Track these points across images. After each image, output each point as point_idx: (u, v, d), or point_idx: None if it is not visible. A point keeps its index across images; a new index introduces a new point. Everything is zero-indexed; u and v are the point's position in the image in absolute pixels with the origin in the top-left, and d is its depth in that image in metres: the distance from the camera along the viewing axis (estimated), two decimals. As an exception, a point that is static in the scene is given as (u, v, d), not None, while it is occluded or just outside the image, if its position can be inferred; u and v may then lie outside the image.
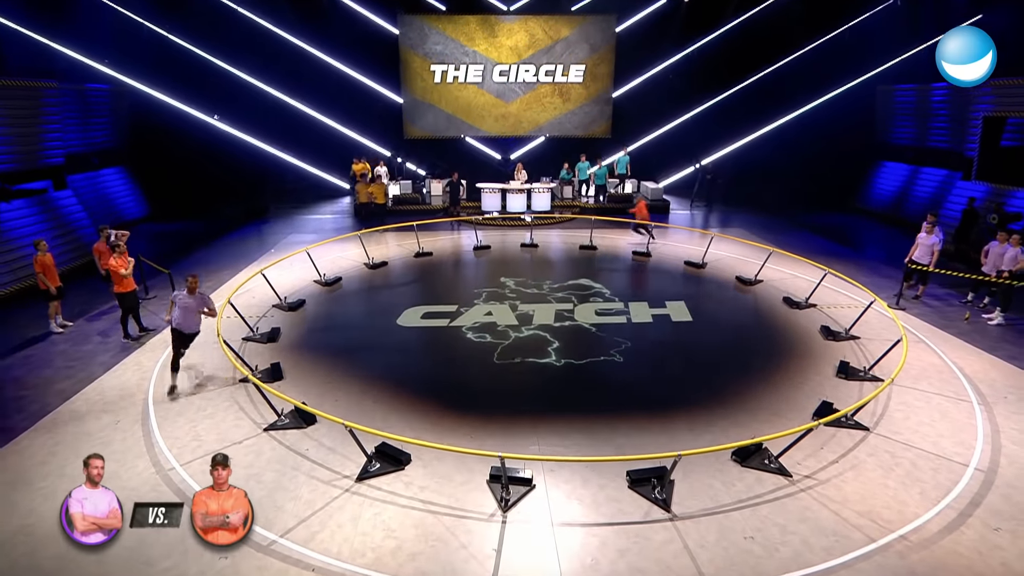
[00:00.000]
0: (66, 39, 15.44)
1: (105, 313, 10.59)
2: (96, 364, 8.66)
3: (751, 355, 8.80)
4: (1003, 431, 6.81)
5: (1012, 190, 12.86)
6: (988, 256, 10.14)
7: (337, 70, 21.07)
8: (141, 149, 18.26)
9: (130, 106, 17.77)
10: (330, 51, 20.91)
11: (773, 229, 16.80)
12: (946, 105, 15.70)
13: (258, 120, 20.12)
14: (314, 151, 21.17)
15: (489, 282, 12.17)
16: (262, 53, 19.97)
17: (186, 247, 15.08)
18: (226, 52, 19.57)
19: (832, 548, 5.03)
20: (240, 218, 17.99)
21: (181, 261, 13.82)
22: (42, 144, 13.71)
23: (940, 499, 5.67)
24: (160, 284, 11.60)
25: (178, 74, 18.63)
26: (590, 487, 5.81)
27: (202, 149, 18.79)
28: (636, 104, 21.80)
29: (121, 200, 17.28)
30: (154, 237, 16.39)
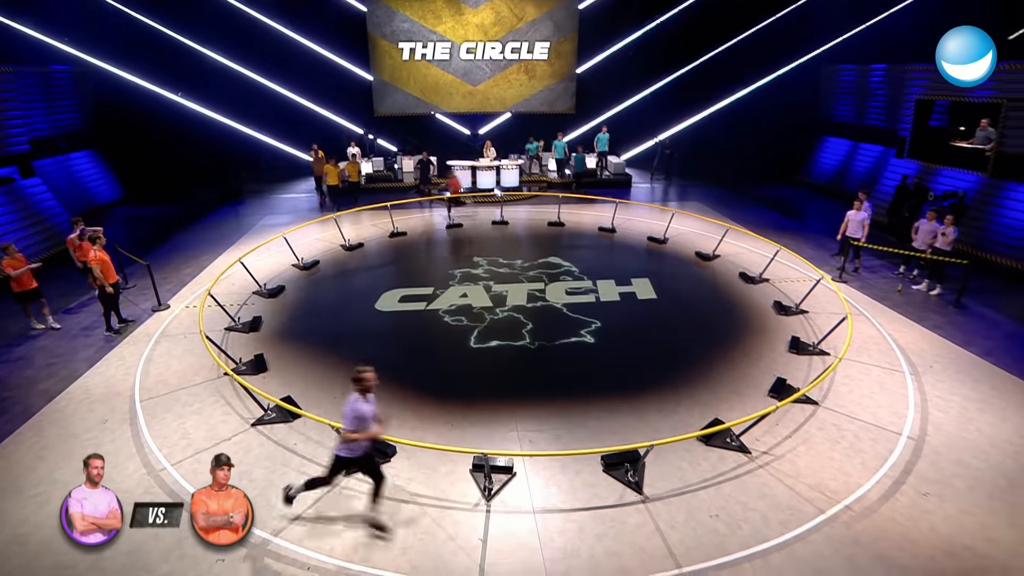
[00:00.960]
0: (24, 19, 14.08)
1: (85, 305, 9.99)
2: (79, 360, 8.19)
3: (712, 332, 8.88)
4: (930, 399, 7.06)
5: (939, 168, 13.10)
6: (918, 232, 10.36)
7: (306, 48, 19.92)
8: (111, 131, 16.98)
9: (96, 87, 16.45)
10: (299, 29, 19.70)
11: (727, 202, 16.86)
12: (883, 86, 15.76)
13: (230, 100, 18.97)
14: (286, 130, 20.14)
15: (463, 262, 11.91)
16: (231, 32, 18.68)
17: (163, 232, 14.27)
18: (194, 31, 18.22)
19: (787, 522, 5.18)
20: (216, 200, 17.09)
21: (159, 247, 13.12)
22: (3, 131, 12.61)
23: (878, 468, 5.88)
24: (139, 273, 10.97)
25: (145, 53, 17.33)
26: (567, 472, 5.82)
27: (174, 130, 17.65)
28: (599, 80, 21.32)
29: (93, 184, 16.17)
30: (129, 221, 15.50)
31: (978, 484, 5.66)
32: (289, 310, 9.80)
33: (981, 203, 11.86)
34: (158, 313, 9.66)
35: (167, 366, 7.94)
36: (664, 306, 9.86)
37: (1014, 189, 11.39)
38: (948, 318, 9.22)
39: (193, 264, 11.92)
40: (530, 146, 18.71)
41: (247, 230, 14.15)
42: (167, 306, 9.91)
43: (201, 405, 7.05)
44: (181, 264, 11.93)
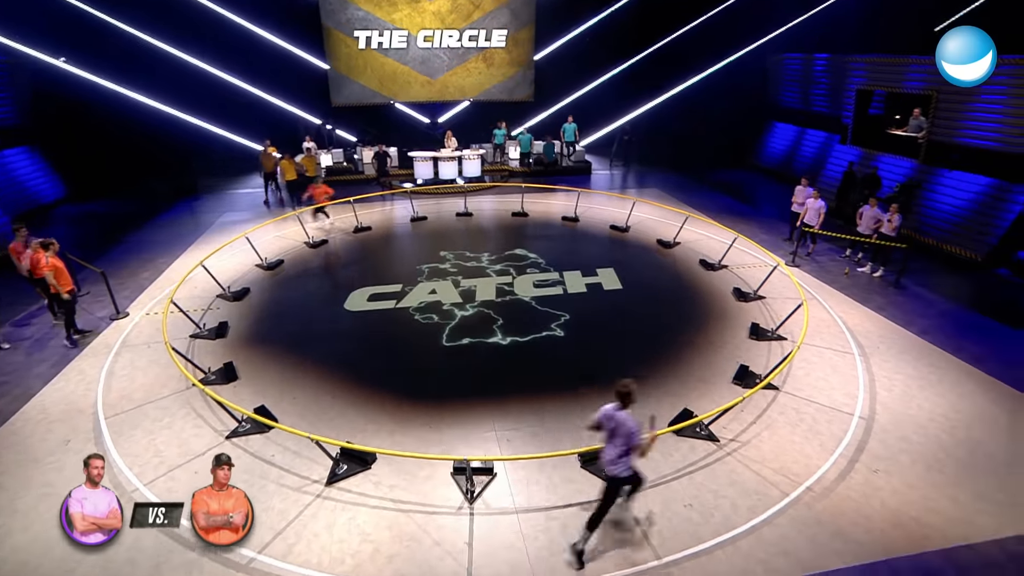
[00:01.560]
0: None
1: (34, 316, 9.37)
2: (32, 377, 7.69)
3: (676, 321, 9.08)
4: (877, 379, 7.47)
5: (878, 154, 13.68)
6: (862, 218, 10.82)
7: (259, 37, 18.88)
8: (51, 125, 15.76)
9: (32, 79, 15.18)
10: (250, 17, 18.64)
11: (684, 188, 17.16)
12: (825, 75, 16.24)
13: (179, 90, 17.82)
14: (239, 121, 19.16)
15: (429, 257, 11.74)
16: (178, 19, 17.48)
17: (114, 232, 13.43)
18: (138, 17, 17.00)
19: (755, 507, 5.41)
20: (169, 196, 16.21)
21: (111, 249, 12.36)
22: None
23: (834, 449, 6.21)
24: (93, 278, 10.32)
25: (85, 42, 16.06)
26: (546, 469, 5.90)
27: (120, 122, 16.45)
28: (557, 68, 21.13)
29: (33, 181, 15.03)
30: (76, 221, 14.55)
31: (920, 458, 6.05)
32: (256, 313, 9.47)
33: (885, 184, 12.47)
34: (117, 322, 9.17)
35: (131, 379, 7.57)
36: (630, 296, 10.01)
37: (943, 175, 12.02)
38: (889, 299, 9.73)
39: (150, 267, 11.32)
40: (497, 132, 18.44)
41: (205, 228, 13.51)
42: (126, 314, 9.41)
43: (171, 419, 6.77)
44: (137, 268, 11.31)
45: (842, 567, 4.79)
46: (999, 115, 10.75)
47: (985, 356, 7.90)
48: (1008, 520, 5.31)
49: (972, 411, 6.79)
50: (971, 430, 6.47)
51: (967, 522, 5.27)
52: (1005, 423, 6.60)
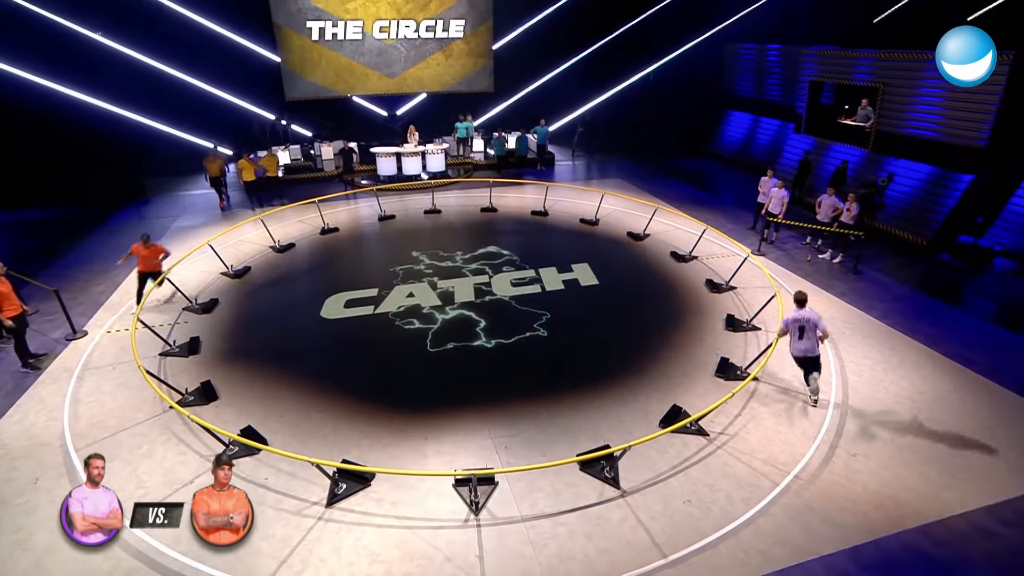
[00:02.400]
0: None
1: (-23, 341, 8.67)
2: (-15, 409, 7.15)
3: (655, 315, 9.29)
4: (847, 365, 7.91)
5: (830, 143, 14.32)
6: (821, 207, 11.34)
7: (205, 28, 17.81)
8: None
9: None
10: (194, 7, 17.53)
11: (645, 177, 17.47)
12: (779, 65, 16.81)
13: (119, 85, 16.63)
14: (187, 117, 18.09)
15: (402, 258, 11.54)
16: (117, 9, 16.24)
17: (55, 241, 12.53)
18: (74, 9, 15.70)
19: (749, 499, 5.66)
20: (114, 200, 15.21)
21: (56, 261, 11.54)
22: None
23: (815, 436, 6.54)
24: (40, 295, 9.59)
25: (11, 34, 14.74)
26: (548, 475, 5.96)
27: (54, 120, 15.24)
28: (516, 58, 20.98)
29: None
30: (6, 229, 13.45)
31: (891, 440, 6.47)
32: (228, 326, 9.08)
33: (864, 175, 13.14)
34: (74, 342, 8.60)
35: (100, 405, 7.14)
36: (607, 292, 10.15)
37: (890, 163, 12.72)
38: (850, 284, 10.27)
39: (103, 280, 10.63)
40: (459, 125, 18.15)
41: (161, 235, 12.77)
42: (83, 333, 8.83)
43: (151, 446, 6.43)
44: (88, 281, 10.60)
45: (833, 551, 5.09)
46: (939, 107, 11.43)
47: (938, 337, 8.48)
48: (971, 493, 5.76)
49: (932, 392, 7.30)
50: (933, 410, 6.95)
51: (937, 498, 5.69)
52: (960, 401, 7.13)
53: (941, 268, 11.05)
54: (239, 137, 18.57)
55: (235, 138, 18.50)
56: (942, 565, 5.01)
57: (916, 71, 11.66)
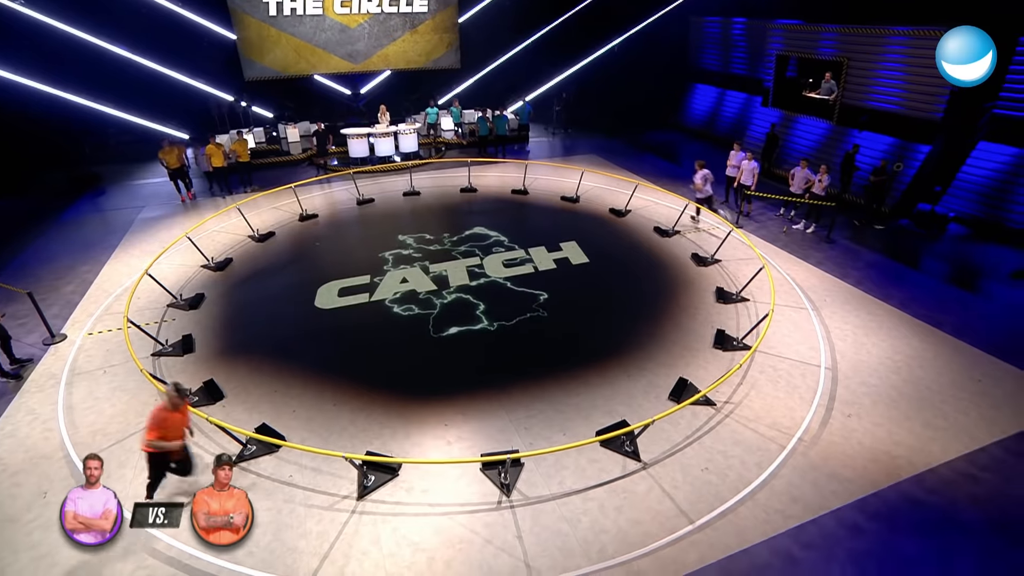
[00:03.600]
0: None
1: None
2: (-30, 423, 6.72)
3: (647, 291, 9.53)
4: (832, 330, 8.39)
5: (797, 116, 14.79)
6: (794, 179, 11.78)
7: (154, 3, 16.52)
8: None
9: None
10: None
11: (616, 151, 17.62)
12: (744, 38, 17.09)
13: (59, 66, 15.35)
14: (137, 99, 16.92)
15: (389, 242, 11.34)
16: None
17: (9, 237, 11.66)
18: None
19: (761, 462, 6.02)
20: (66, 192, 14.20)
21: (12, 260, 10.77)
22: None
23: (812, 399, 6.97)
24: (4, 297, 8.98)
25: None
26: (571, 453, 6.14)
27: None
28: (482, 33, 20.51)
29: None
30: (-47, 228, 12.41)
31: (880, 399, 6.96)
32: (219, 321, 8.76)
33: (830, 148, 13.69)
34: (54, 347, 8.12)
35: (98, 412, 6.82)
36: (598, 269, 10.31)
37: (853, 135, 13.28)
38: (825, 253, 10.79)
39: (72, 278, 10.02)
40: (430, 111, 17.70)
41: (126, 228, 12.07)
42: (62, 337, 8.35)
43: (161, 452, 6.22)
44: (56, 280, 9.97)
45: (842, 505, 5.51)
46: (900, 81, 11.96)
47: (908, 300, 9.08)
48: (951, 443, 6.30)
49: (909, 352, 7.85)
50: (912, 369, 7.50)
51: (924, 450, 6.20)
52: (934, 359, 7.70)
53: (903, 234, 11.73)
54: (195, 120, 17.56)
55: (190, 122, 17.50)
56: (935, 509, 5.50)
57: (879, 45, 12.12)
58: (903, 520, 5.38)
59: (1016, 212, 11.17)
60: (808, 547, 5.11)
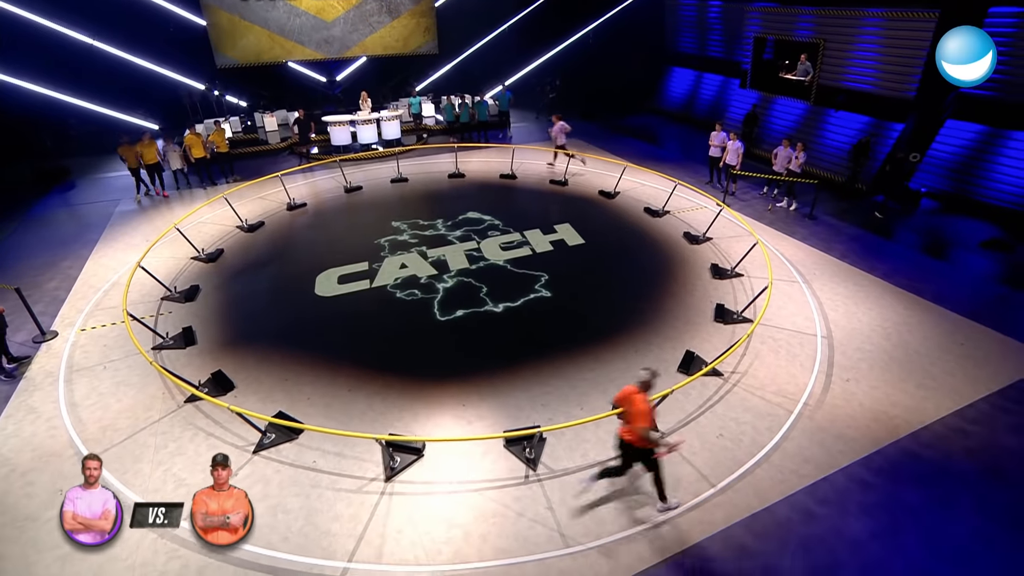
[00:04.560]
0: None
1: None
2: (-33, 425, 6.45)
3: (644, 269, 9.71)
4: (823, 302, 8.74)
5: (775, 97, 15.16)
6: (777, 158, 12.11)
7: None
8: None
9: None
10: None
11: (596, 135, 17.73)
12: (719, 21, 17.35)
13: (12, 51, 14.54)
14: (99, 87, 16.17)
15: (383, 229, 11.24)
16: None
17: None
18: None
19: (772, 427, 6.28)
20: (32, 186, 13.52)
21: (-12, 257, 10.25)
22: None
23: (812, 367, 7.27)
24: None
25: None
26: (589, 427, 6.27)
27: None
28: (458, 18, 20.28)
29: None
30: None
31: (874, 363, 7.32)
32: (218, 313, 8.57)
33: (809, 127, 14.11)
34: (46, 344, 7.82)
35: (104, 407, 6.63)
36: (594, 250, 10.44)
37: (830, 114, 13.72)
38: (809, 229, 11.18)
39: (54, 274, 9.63)
40: (412, 101, 17.40)
41: (104, 222, 11.61)
42: (53, 334, 8.04)
43: (178, 444, 6.12)
44: (37, 277, 9.56)
45: (850, 463, 5.82)
46: (875, 62, 12.38)
47: (890, 271, 9.51)
48: (942, 401, 6.68)
49: (896, 319, 8.26)
50: (900, 334, 7.90)
51: (918, 408, 6.57)
52: (919, 325, 8.12)
53: (880, 208, 12.23)
54: (163, 111, 16.90)
55: (158, 112, 16.84)
56: (932, 463, 5.86)
57: (854, 27, 12.50)
58: (905, 473, 5.72)
59: (980, 186, 11.77)
60: (823, 502, 5.39)
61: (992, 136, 11.42)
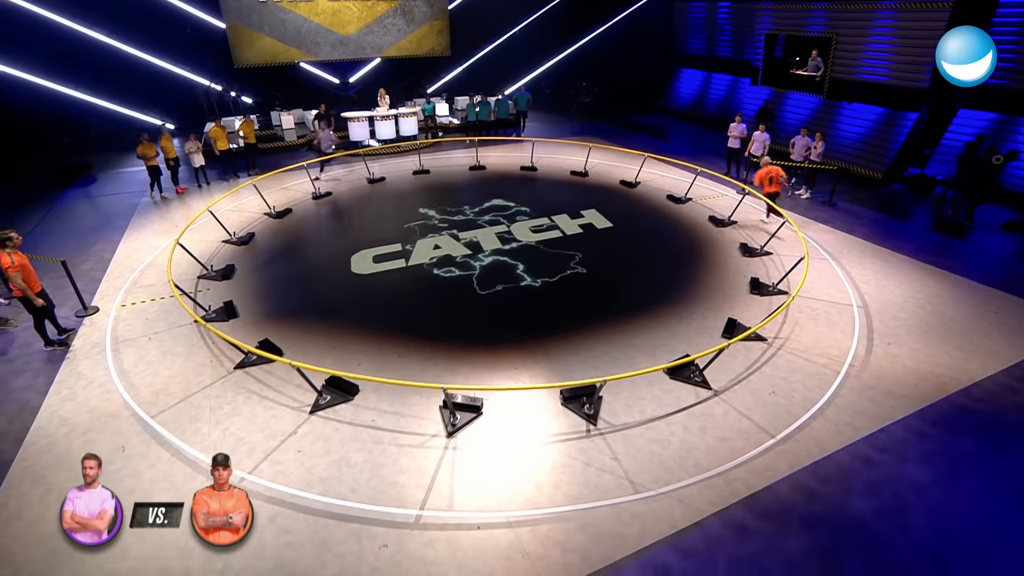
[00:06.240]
0: None
1: (-29, 325, 7.66)
2: (19, 390, 6.40)
3: (675, 249, 9.82)
4: (854, 276, 8.86)
5: (786, 92, 15.46)
6: (795, 147, 12.32)
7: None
8: None
9: None
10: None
11: (609, 133, 17.93)
12: (729, 21, 17.73)
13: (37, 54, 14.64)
14: (119, 88, 16.26)
15: (412, 215, 11.31)
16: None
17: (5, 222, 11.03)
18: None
19: (821, 385, 6.35)
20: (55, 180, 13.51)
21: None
22: None
23: (853, 333, 7.36)
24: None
25: None
26: (641, 385, 6.33)
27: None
28: (470, 20, 20.59)
29: None
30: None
31: (913, 330, 7.42)
32: (256, 290, 8.57)
33: (822, 120, 14.37)
34: (88, 319, 7.80)
35: (155, 374, 6.61)
36: (624, 232, 10.55)
37: (844, 107, 13.99)
38: (829, 214, 11.35)
39: (88, 257, 9.62)
40: (426, 106, 17.54)
41: (131, 211, 11.62)
42: (95, 309, 8.02)
43: (233, 405, 6.10)
44: (71, 259, 9.38)
45: (904, 416, 5.88)
46: (889, 54, 12.69)
47: (916, 250, 9.67)
48: (987, 361, 6.76)
49: (927, 291, 8.38)
50: (934, 305, 8.02)
51: (964, 368, 6.66)
52: (952, 297, 8.24)
53: (897, 196, 12.45)
54: (179, 110, 17.04)
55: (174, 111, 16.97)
56: (986, 415, 5.94)
57: (867, 20, 12.83)
58: (961, 424, 5.79)
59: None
60: (883, 451, 5.45)
61: (1006, 123, 11.68)
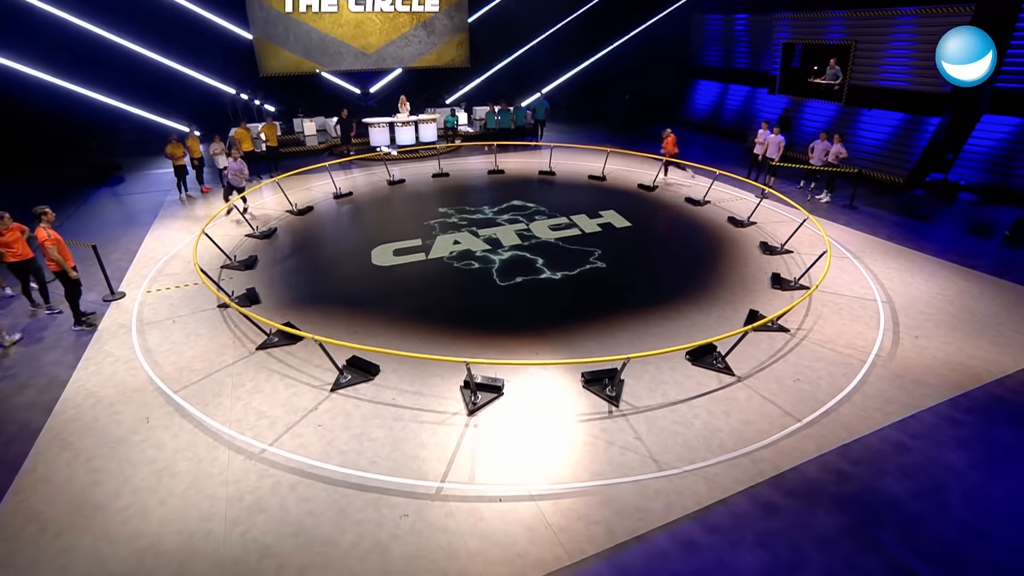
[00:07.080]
0: None
1: (6, 301, 7.85)
2: (49, 365, 6.51)
3: (695, 247, 9.78)
4: (877, 274, 8.73)
5: (804, 100, 15.47)
6: (814, 152, 12.28)
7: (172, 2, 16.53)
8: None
9: None
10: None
11: (625, 144, 18.03)
12: (746, 33, 17.88)
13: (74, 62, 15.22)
14: (149, 95, 16.78)
15: (431, 213, 11.43)
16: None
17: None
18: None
19: (847, 373, 6.22)
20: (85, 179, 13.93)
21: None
22: None
23: (878, 326, 7.23)
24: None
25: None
26: (664, 370, 6.25)
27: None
28: (490, 32, 20.99)
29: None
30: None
31: (941, 324, 7.27)
32: (278, 280, 8.67)
33: (841, 126, 14.32)
34: (115, 303, 7.94)
35: (179, 353, 6.68)
36: (642, 231, 10.55)
37: (863, 113, 13.95)
38: (850, 217, 11.25)
39: (116, 248, 9.82)
40: (449, 118, 17.83)
41: (158, 208, 11.90)
42: (121, 294, 8.17)
43: (254, 383, 6.13)
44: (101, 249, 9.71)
45: (936, 403, 5.73)
46: (908, 59, 12.67)
47: (941, 251, 9.52)
48: (1020, 354, 6.59)
49: (954, 288, 8.23)
50: (962, 301, 7.85)
51: (997, 361, 6.48)
52: (980, 294, 8.08)
53: (919, 201, 12.31)
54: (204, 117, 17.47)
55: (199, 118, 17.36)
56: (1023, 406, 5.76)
57: (886, 27, 12.85)
58: (997, 413, 5.62)
59: (1020, 176, 11.83)
60: (915, 436, 5.29)
61: (1030, 128, 11.54)
